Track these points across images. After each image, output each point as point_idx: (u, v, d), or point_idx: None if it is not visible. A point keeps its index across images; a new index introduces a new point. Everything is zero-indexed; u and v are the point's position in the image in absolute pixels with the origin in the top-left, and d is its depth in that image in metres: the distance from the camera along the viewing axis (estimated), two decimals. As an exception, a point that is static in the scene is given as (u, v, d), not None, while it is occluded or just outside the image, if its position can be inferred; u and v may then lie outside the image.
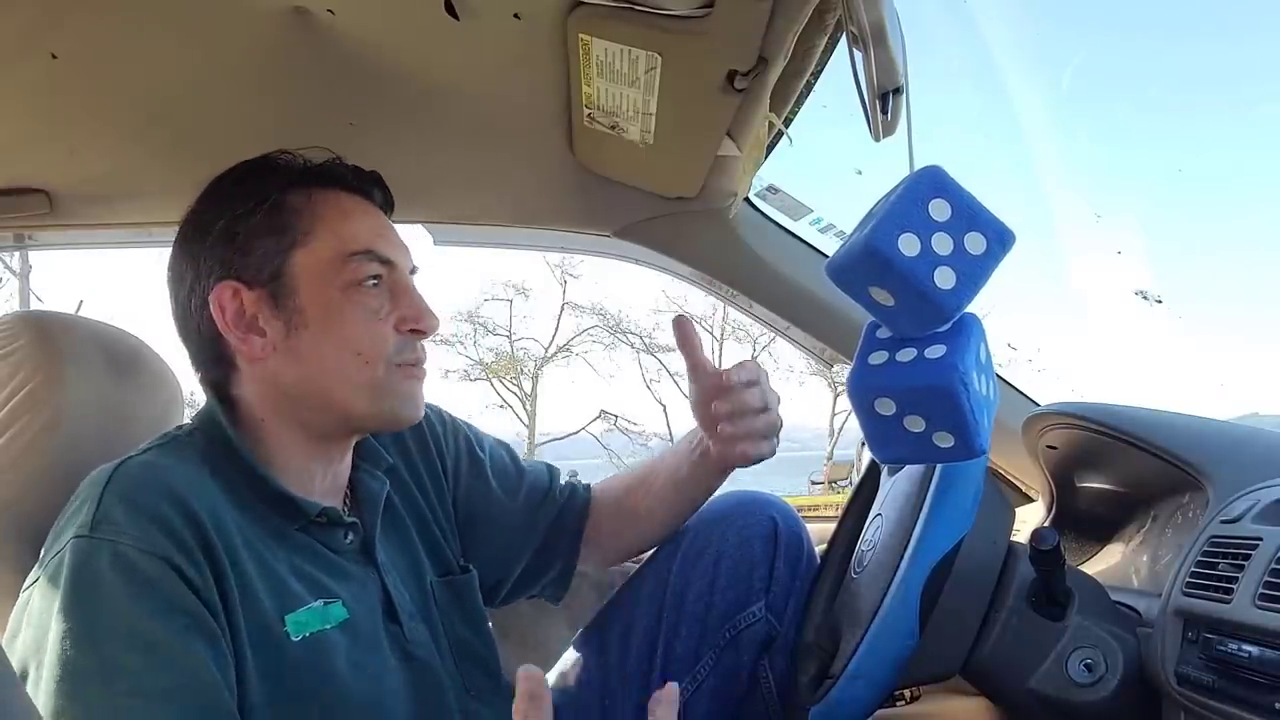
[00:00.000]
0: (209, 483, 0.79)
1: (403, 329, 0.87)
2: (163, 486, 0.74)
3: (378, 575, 0.89)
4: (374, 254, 0.86)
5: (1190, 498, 0.98)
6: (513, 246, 1.54)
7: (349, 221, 0.87)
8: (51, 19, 0.89)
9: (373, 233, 0.88)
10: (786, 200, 1.37)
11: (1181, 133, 26.51)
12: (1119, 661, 0.82)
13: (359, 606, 0.84)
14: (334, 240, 0.85)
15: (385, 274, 0.87)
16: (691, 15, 0.83)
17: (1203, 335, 28.87)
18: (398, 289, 0.88)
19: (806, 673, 0.93)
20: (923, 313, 0.72)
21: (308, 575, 0.82)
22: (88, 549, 0.69)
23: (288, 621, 0.77)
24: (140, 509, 0.72)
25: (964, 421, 0.71)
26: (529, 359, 19.70)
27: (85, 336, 0.95)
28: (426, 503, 1.01)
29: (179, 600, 0.70)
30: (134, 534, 0.70)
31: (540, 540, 1.09)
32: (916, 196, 0.70)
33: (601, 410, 19.21)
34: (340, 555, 0.87)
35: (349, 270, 0.85)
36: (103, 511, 0.71)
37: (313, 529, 0.85)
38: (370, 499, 0.93)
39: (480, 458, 1.08)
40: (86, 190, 1.26)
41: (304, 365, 0.84)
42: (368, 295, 0.85)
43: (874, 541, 0.96)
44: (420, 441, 1.03)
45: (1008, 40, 21.25)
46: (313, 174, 0.89)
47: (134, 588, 0.68)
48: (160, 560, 0.70)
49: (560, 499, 1.10)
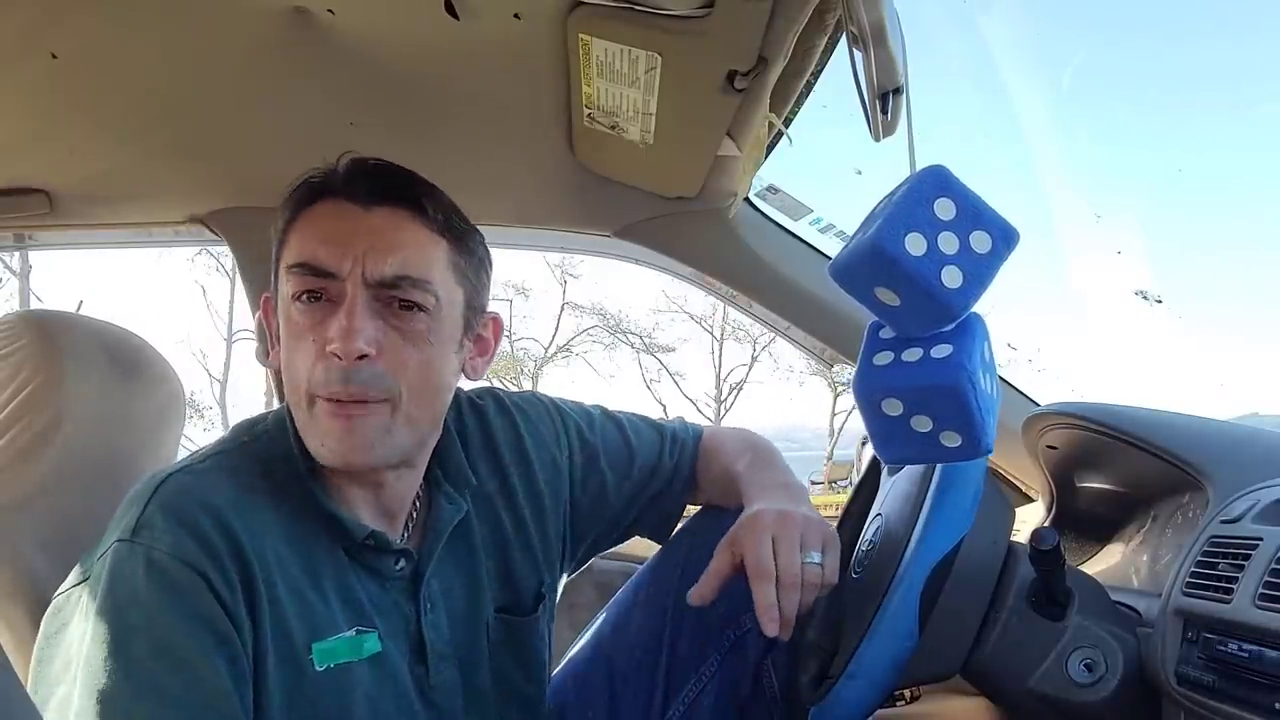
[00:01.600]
0: (258, 497, 0.78)
1: (324, 353, 0.77)
2: (205, 500, 0.74)
3: (415, 610, 0.86)
4: (307, 266, 0.78)
5: (1190, 498, 0.98)
6: (513, 246, 1.54)
7: (305, 230, 0.80)
8: (51, 19, 0.89)
9: (319, 239, 0.79)
10: (786, 200, 1.37)
11: (1181, 133, 26.48)
12: (1119, 661, 0.82)
13: (392, 641, 0.83)
14: (288, 252, 0.81)
15: (327, 287, 0.78)
16: (691, 15, 0.83)
17: (1203, 335, 28.84)
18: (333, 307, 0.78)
19: (807, 672, 0.93)
20: (929, 312, 0.72)
21: (352, 600, 0.81)
22: (126, 554, 0.71)
23: (314, 650, 0.77)
24: (180, 520, 0.72)
25: (971, 420, 0.71)
26: (529, 359, 19.70)
27: (86, 336, 0.95)
28: (517, 525, 0.96)
29: (205, 612, 0.71)
30: (169, 541, 0.71)
31: (645, 502, 1.08)
32: (921, 196, 0.70)
33: (601, 410, 19.16)
34: (388, 583, 0.84)
35: (289, 285, 0.80)
36: (145, 518, 0.72)
37: (365, 552, 0.83)
38: (437, 526, 0.89)
39: (592, 443, 1.05)
40: (86, 190, 1.26)
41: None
42: (299, 314, 0.79)
43: (874, 541, 0.96)
44: (519, 452, 0.98)
45: (1008, 40, 21.25)
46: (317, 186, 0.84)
47: (164, 594, 0.70)
48: (193, 571, 0.71)
49: (670, 464, 1.08)
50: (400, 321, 0.80)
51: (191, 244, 1.45)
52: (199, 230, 1.38)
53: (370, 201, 0.81)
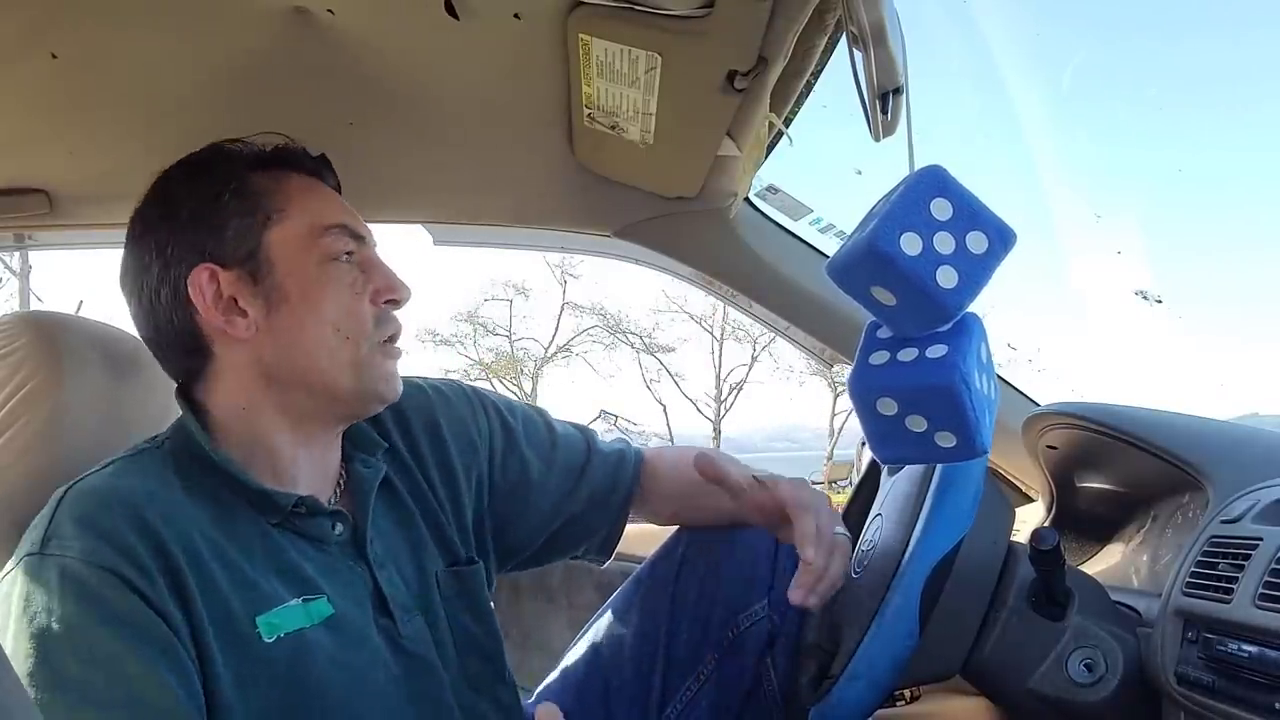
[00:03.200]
0: (173, 491, 0.78)
1: (378, 301, 0.87)
2: (114, 500, 0.74)
3: (367, 568, 0.87)
4: (347, 228, 0.87)
5: (1190, 498, 0.98)
6: (513, 246, 1.54)
7: (316, 198, 0.89)
8: (51, 19, 0.89)
9: (341, 209, 0.89)
10: (786, 200, 1.37)
11: (1181, 133, 26.51)
12: (1119, 661, 0.82)
13: (345, 601, 0.83)
14: (307, 216, 0.86)
15: (357, 249, 0.88)
16: (691, 15, 0.83)
17: (1203, 335, 28.87)
18: (368, 264, 0.88)
19: (807, 672, 0.93)
20: (925, 312, 0.72)
21: (290, 572, 0.81)
22: (37, 566, 0.70)
23: (259, 623, 0.76)
24: (89, 524, 0.72)
25: (966, 421, 0.71)
26: (529, 359, 19.73)
27: (85, 336, 0.95)
28: (433, 492, 0.97)
29: (128, 612, 0.70)
30: (80, 548, 0.70)
31: (581, 506, 1.06)
32: (918, 196, 0.70)
33: (601, 410, 19.19)
34: (328, 548, 0.85)
35: (324, 244, 0.85)
36: (54, 528, 0.72)
37: (296, 522, 0.83)
38: (362, 487, 0.90)
39: (512, 425, 1.05)
40: (86, 190, 1.26)
41: (287, 343, 0.83)
42: (343, 270, 0.86)
43: (874, 541, 0.96)
44: (431, 426, 1.00)
45: (1008, 40, 21.23)
46: (272, 157, 0.89)
47: (82, 601, 0.69)
48: (107, 572, 0.70)
49: (604, 465, 1.07)
50: None
51: (191, 244, 1.45)
52: (199, 230, 1.38)
53: (334, 185, 0.94)
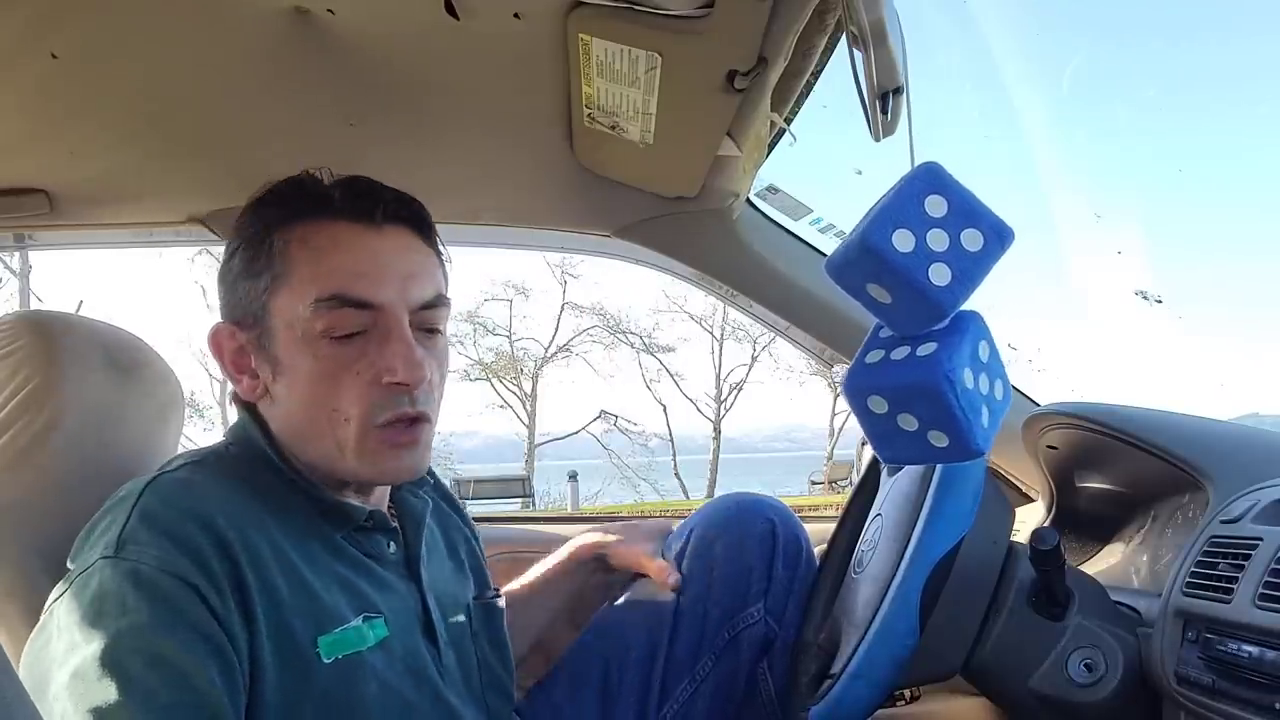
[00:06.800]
0: (245, 499, 0.77)
1: (380, 383, 0.78)
2: (190, 506, 0.74)
3: (419, 591, 0.86)
4: (343, 298, 0.77)
5: (1190, 498, 0.98)
6: (513, 246, 1.54)
7: (325, 260, 0.78)
8: (51, 19, 0.89)
9: (351, 271, 0.78)
10: (786, 200, 1.37)
11: (1181, 133, 26.53)
12: (1119, 661, 0.82)
13: (398, 623, 0.82)
14: (303, 285, 0.78)
15: (360, 321, 0.78)
16: (691, 15, 0.83)
17: (1203, 335, 28.88)
18: (381, 336, 0.78)
19: (807, 672, 0.93)
20: (919, 310, 0.71)
21: (352, 586, 0.80)
22: (112, 571, 0.70)
23: (320, 644, 0.76)
24: (164, 529, 0.72)
25: (954, 420, 0.70)
26: (529, 359, 19.68)
27: (86, 336, 0.95)
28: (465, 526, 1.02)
29: (195, 621, 0.70)
30: (155, 554, 0.70)
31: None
32: (913, 193, 0.70)
33: (602, 410, 19.19)
34: (384, 566, 0.84)
35: (316, 320, 0.77)
36: (128, 532, 0.71)
37: (359, 537, 0.83)
38: (413, 515, 0.90)
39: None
40: (86, 190, 1.26)
41: (293, 413, 0.81)
42: (337, 348, 0.78)
43: (874, 541, 0.96)
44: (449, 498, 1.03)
45: (1008, 40, 21.26)
46: (303, 204, 0.81)
47: (154, 606, 0.69)
48: (180, 581, 0.70)
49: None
50: (430, 342, 0.83)
51: (191, 244, 1.45)
52: (199, 230, 1.38)
53: (383, 222, 0.81)
